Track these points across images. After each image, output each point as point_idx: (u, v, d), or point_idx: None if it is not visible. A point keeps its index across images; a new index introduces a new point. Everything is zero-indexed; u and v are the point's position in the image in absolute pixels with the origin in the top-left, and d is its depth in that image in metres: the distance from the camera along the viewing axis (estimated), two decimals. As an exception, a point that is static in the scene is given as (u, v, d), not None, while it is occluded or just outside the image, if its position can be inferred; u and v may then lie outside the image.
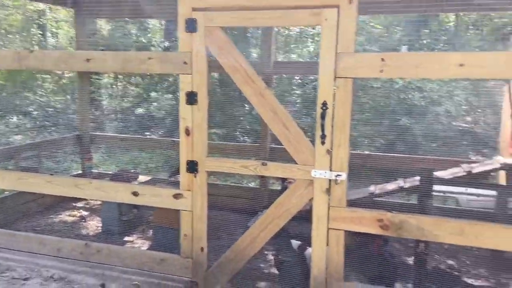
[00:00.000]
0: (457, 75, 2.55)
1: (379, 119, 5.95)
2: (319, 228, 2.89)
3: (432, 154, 5.17)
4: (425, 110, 5.68)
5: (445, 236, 2.68)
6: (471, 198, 4.82)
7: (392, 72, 2.64)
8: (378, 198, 4.13)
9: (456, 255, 3.94)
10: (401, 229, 2.76)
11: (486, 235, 2.60)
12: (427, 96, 5.89)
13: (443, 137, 5.49)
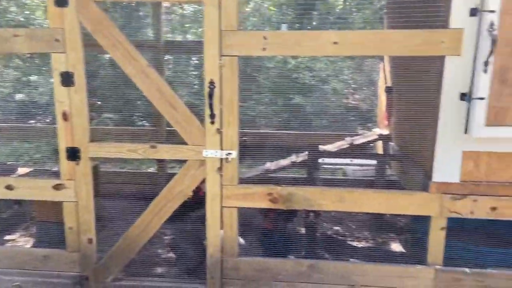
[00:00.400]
0: (333, 53, 2.70)
1: (274, 98, 6.12)
2: (213, 206, 2.90)
3: (323, 130, 5.48)
4: (315, 89, 5.99)
5: (329, 204, 2.88)
6: (356, 168, 5.24)
7: (274, 49, 2.70)
8: (273, 174, 4.28)
9: (342, 221, 4.27)
10: (290, 201, 2.90)
11: (363, 200, 2.84)
12: (317, 75, 6.22)
13: (333, 113, 5.84)
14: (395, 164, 4.03)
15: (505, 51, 2.52)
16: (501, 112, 2.60)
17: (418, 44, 2.63)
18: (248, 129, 5.23)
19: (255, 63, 6.34)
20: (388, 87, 4.29)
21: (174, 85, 6.69)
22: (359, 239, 3.95)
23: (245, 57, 3.23)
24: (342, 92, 6.27)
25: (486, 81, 2.55)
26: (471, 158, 2.75)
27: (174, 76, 6.85)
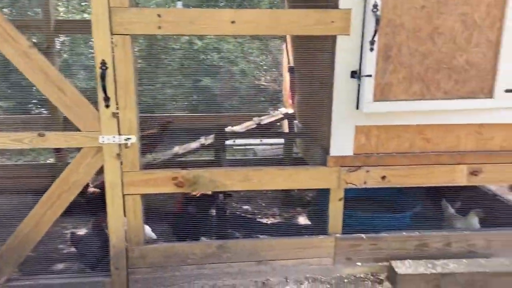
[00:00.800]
0: (230, 32, 2.67)
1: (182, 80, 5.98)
2: (114, 195, 2.76)
3: (232, 111, 5.50)
4: (223, 70, 5.96)
5: (235, 184, 2.90)
6: (266, 148, 5.37)
7: (170, 28, 2.60)
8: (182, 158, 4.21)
9: (253, 200, 4.36)
10: (196, 184, 2.86)
11: (267, 178, 2.91)
12: (225, 57, 6.20)
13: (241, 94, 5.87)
14: (299, 141, 4.18)
15: (387, 30, 2.70)
16: (386, 88, 2.80)
17: (311, 24, 2.71)
18: (156, 113, 5.08)
19: (161, 44, 6.13)
20: (290, 67, 4.41)
21: (74, 68, 6.21)
22: (269, 216, 4.07)
23: (140, 36, 3.08)
24: (251, 73, 6.33)
25: (372, 59, 2.71)
26: (362, 132, 2.94)
27: (72, 58, 6.37)
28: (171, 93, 5.94)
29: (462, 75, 2.82)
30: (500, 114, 2.91)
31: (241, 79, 6.13)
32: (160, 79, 5.70)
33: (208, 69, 6.01)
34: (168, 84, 5.82)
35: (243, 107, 5.24)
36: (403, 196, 3.77)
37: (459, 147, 3.00)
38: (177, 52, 6.24)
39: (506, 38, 2.74)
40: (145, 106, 4.75)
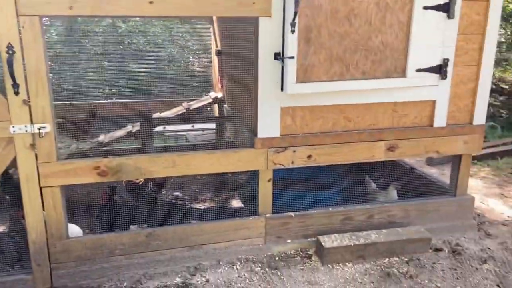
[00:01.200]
0: (148, 13, 2.57)
1: (107, 66, 5.69)
2: (30, 188, 2.59)
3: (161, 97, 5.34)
4: (151, 54, 5.76)
5: (160, 171, 2.84)
6: (197, 133, 5.31)
7: (82, 9, 2.45)
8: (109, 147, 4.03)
9: (186, 186, 4.31)
10: (120, 172, 2.76)
11: (194, 163, 2.88)
12: (152, 40, 5.99)
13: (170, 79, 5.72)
14: (229, 125, 4.18)
15: (307, 12, 2.76)
16: (308, 70, 2.87)
17: (233, 6, 2.69)
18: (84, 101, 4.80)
19: (82, 27, 5.76)
20: (218, 50, 4.37)
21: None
22: (203, 201, 4.06)
23: (51, 17, 2.87)
24: (180, 57, 6.18)
25: (294, 41, 2.76)
26: (288, 113, 3.00)
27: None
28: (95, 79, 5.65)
29: (378, 55, 2.96)
30: (413, 92, 3.11)
31: (170, 64, 5.97)
32: (82, 65, 5.39)
33: (134, 53, 5.77)
34: (92, 70, 5.52)
35: (173, 93, 5.11)
36: (330, 174, 3.94)
37: (377, 124, 3.17)
38: (99, 36, 5.90)
39: (416, 20, 2.91)
40: (67, 94, 4.47)
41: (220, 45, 4.41)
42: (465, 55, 3.12)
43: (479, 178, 4.58)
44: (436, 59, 3.03)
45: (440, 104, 3.17)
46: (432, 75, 3.06)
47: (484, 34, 3.09)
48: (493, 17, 3.06)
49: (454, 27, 3.00)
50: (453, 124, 3.26)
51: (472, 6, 3.02)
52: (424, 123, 3.22)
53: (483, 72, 3.17)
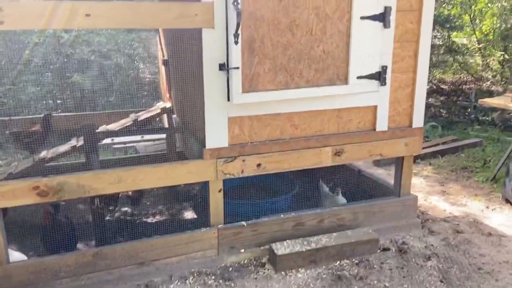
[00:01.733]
0: (85, 26, 2.50)
1: (50, 78, 5.45)
2: (-38, 215, 2.43)
3: (108, 108, 5.19)
4: (96, 65, 5.58)
5: (106, 187, 2.75)
6: (148, 144, 5.20)
7: (14, 23, 2.34)
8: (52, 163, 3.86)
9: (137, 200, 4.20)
10: (62, 191, 2.65)
11: (141, 178, 2.82)
12: (96, 50, 5.81)
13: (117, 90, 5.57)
14: (179, 136, 4.13)
15: (250, 23, 2.79)
16: (254, 79, 2.90)
17: (174, 17, 2.67)
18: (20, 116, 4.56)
19: (21, 38, 5.49)
20: (164, 60, 4.31)
21: None
22: (155, 215, 3.97)
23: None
24: (127, 67, 6.04)
25: (238, 52, 2.78)
26: (235, 123, 3.01)
27: None
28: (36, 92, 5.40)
29: (321, 64, 3.05)
30: (355, 99, 3.21)
31: (116, 74, 5.80)
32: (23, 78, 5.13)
33: (78, 64, 5.57)
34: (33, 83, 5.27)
35: (120, 103, 4.97)
36: (282, 179, 3.98)
37: (323, 131, 3.25)
38: (40, 46, 5.65)
39: (354, 29, 3.02)
40: (6, 108, 4.26)
41: (166, 55, 4.35)
42: (401, 62, 3.27)
43: (422, 177, 4.81)
44: (375, 66, 3.16)
45: (381, 109, 3.30)
46: (373, 81, 3.18)
47: (418, 42, 3.26)
48: (426, 26, 3.24)
49: (390, 35, 3.14)
50: (394, 127, 3.40)
51: (406, 15, 3.17)
52: (368, 127, 3.34)
53: (419, 78, 3.33)
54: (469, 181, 4.64)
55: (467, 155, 5.42)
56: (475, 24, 10.56)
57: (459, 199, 4.21)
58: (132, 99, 5.31)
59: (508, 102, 4.56)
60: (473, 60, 10.67)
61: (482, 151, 5.51)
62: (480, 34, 10.54)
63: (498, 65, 9.96)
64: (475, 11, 10.45)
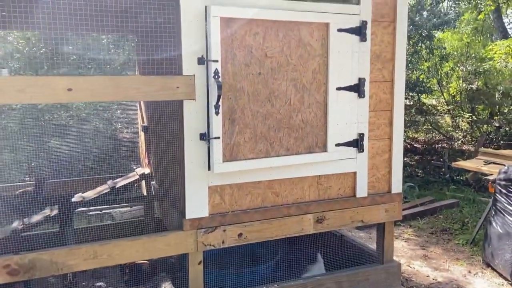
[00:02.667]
0: (67, 100, 2.51)
1: (25, 143, 5.36)
2: None
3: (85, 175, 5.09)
4: (74, 129, 5.55)
5: (81, 264, 2.62)
6: (124, 211, 5.07)
7: None
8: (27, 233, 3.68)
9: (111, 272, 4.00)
10: (33, 269, 2.51)
11: (118, 252, 2.71)
12: (75, 115, 5.80)
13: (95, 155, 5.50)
14: (157, 204, 4.05)
15: (230, 95, 2.86)
16: (235, 148, 2.92)
17: (156, 90, 2.71)
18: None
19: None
20: (144, 126, 4.32)
21: None
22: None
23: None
24: (106, 131, 6.02)
25: (219, 122, 2.82)
26: (216, 192, 2.98)
27: None
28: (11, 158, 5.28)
29: (300, 132, 3.11)
30: (334, 165, 3.26)
31: (94, 139, 5.77)
32: None
33: (56, 129, 5.53)
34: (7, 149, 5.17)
35: (98, 169, 4.89)
36: (264, 246, 3.89)
37: (304, 198, 3.25)
38: (18, 111, 5.62)
39: (331, 99, 3.13)
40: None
41: (146, 121, 4.37)
42: (377, 129, 3.37)
43: (404, 240, 4.80)
44: (352, 134, 3.25)
45: (360, 175, 3.35)
46: (351, 148, 3.25)
47: (392, 111, 3.39)
48: (398, 96, 3.39)
49: (365, 105, 3.27)
50: (374, 193, 3.43)
51: (379, 86, 3.33)
52: (348, 194, 3.36)
53: (395, 144, 3.43)
54: (449, 244, 4.65)
55: (446, 216, 5.49)
56: (442, 86, 11.17)
57: (441, 264, 4.18)
58: (110, 164, 5.24)
59: (481, 165, 4.72)
60: (443, 120, 11.16)
61: (459, 212, 5.59)
62: (448, 96, 11.12)
63: (467, 125, 10.43)
64: (441, 74, 11.10)
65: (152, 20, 3.47)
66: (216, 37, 2.72)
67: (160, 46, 2.89)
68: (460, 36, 11.66)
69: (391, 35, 3.31)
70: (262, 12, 2.86)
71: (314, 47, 3.07)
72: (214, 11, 2.71)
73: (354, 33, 3.14)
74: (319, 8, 3.03)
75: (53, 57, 5.06)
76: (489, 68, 9.89)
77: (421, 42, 8.79)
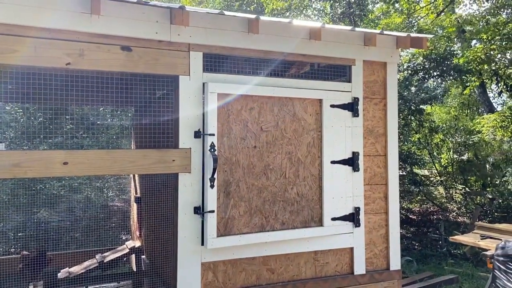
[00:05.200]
0: (63, 174, 2.50)
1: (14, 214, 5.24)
2: None
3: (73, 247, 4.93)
4: (65, 200, 5.46)
5: None
6: (111, 287, 4.82)
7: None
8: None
9: None
10: None
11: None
12: (67, 185, 5.73)
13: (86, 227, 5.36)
14: (147, 280, 3.87)
15: (226, 168, 2.86)
16: (229, 222, 2.86)
17: (151, 163, 2.71)
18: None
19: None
20: (137, 197, 4.26)
21: None
22: None
23: None
24: (98, 200, 5.92)
25: (214, 195, 2.79)
26: (209, 268, 2.87)
27: None
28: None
29: (295, 206, 3.08)
30: (331, 240, 3.18)
31: (86, 208, 5.66)
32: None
33: (46, 199, 5.43)
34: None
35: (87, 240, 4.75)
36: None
37: (300, 275, 3.13)
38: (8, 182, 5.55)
39: (326, 173, 3.14)
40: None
41: (139, 192, 4.32)
42: (373, 203, 3.35)
43: (405, 319, 4.57)
44: (348, 208, 3.21)
45: (357, 251, 3.26)
46: (347, 223, 3.21)
47: (387, 184, 3.39)
48: (392, 169, 3.42)
49: (360, 178, 3.27)
50: (372, 270, 3.32)
51: (373, 160, 3.37)
52: (345, 270, 3.25)
53: (391, 219, 3.39)
54: (453, 324, 4.43)
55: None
56: (433, 158, 11.35)
57: None
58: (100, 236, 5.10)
59: (477, 240, 4.64)
60: (437, 191, 11.19)
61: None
62: (439, 167, 11.26)
63: (461, 197, 10.44)
64: (432, 146, 11.33)
65: (151, 93, 3.58)
66: (213, 111, 2.79)
67: (158, 119, 2.94)
68: (448, 109, 12.10)
69: (382, 111, 3.42)
70: (257, 89, 2.96)
71: (308, 122, 3.14)
72: (211, 88, 2.80)
73: (346, 108, 3.24)
74: (312, 85, 3.15)
75: (50, 125, 5.12)
76: (478, 140, 10.15)
77: (411, 115, 9.08)
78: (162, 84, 3.00)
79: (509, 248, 3.79)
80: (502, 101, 14.02)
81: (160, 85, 3.03)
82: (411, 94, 8.34)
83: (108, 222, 5.31)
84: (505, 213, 8.72)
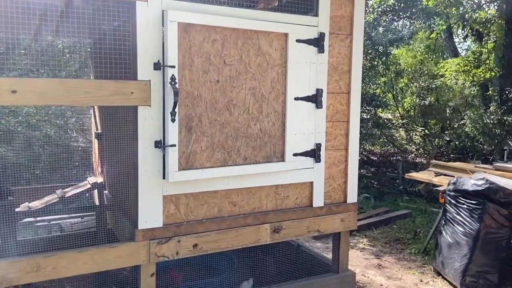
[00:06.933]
0: (10, 102, 2.36)
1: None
2: None
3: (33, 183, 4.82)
4: (23, 136, 5.26)
5: (22, 277, 2.46)
6: (74, 222, 4.83)
7: None
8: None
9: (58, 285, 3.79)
10: (-33, 284, 2.32)
11: (64, 264, 2.56)
12: (24, 121, 5.51)
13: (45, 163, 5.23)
14: (110, 214, 3.88)
15: (187, 102, 2.80)
16: (191, 157, 2.86)
17: (108, 95, 2.61)
18: None
19: None
20: (98, 133, 4.16)
21: None
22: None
23: None
24: (58, 137, 5.75)
25: (175, 130, 2.75)
26: (171, 201, 2.90)
27: None
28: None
29: (258, 142, 3.09)
30: (292, 175, 3.26)
31: (45, 145, 5.49)
32: None
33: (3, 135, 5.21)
34: None
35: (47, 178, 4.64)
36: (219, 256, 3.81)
37: (262, 207, 3.22)
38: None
39: (289, 109, 3.14)
40: None
41: (100, 128, 4.21)
42: (334, 140, 3.42)
43: (359, 250, 4.87)
44: (310, 144, 3.27)
45: (317, 185, 3.37)
46: (308, 158, 3.27)
47: (349, 122, 3.45)
48: (354, 107, 3.46)
49: (322, 115, 3.30)
50: (330, 203, 3.46)
51: (336, 97, 3.38)
52: (305, 203, 3.37)
53: (350, 155, 3.48)
54: (402, 253, 4.76)
55: (399, 226, 5.63)
56: (397, 101, 11.60)
57: (394, 273, 4.26)
58: (61, 173, 5.00)
59: (432, 177, 4.88)
60: (398, 134, 11.57)
61: (412, 222, 5.75)
62: (402, 110, 11.56)
63: (420, 139, 10.86)
64: (397, 90, 11.54)
65: (108, 24, 3.37)
66: (173, 42, 2.67)
67: (115, 50, 2.79)
68: (414, 53, 12.21)
69: (348, 48, 3.38)
70: (221, 19, 2.84)
71: (273, 57, 3.08)
72: (171, 16, 2.65)
73: (312, 44, 3.18)
74: (279, 18, 3.05)
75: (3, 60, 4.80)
76: (440, 84, 10.39)
77: (377, 58, 9.11)
78: (120, 13, 2.81)
79: (460, 184, 4.01)
80: (467, 46, 14.27)
81: (119, 12, 2.84)
82: (378, 34, 8.31)
83: (71, 160, 5.20)
84: (460, 154, 9.19)
